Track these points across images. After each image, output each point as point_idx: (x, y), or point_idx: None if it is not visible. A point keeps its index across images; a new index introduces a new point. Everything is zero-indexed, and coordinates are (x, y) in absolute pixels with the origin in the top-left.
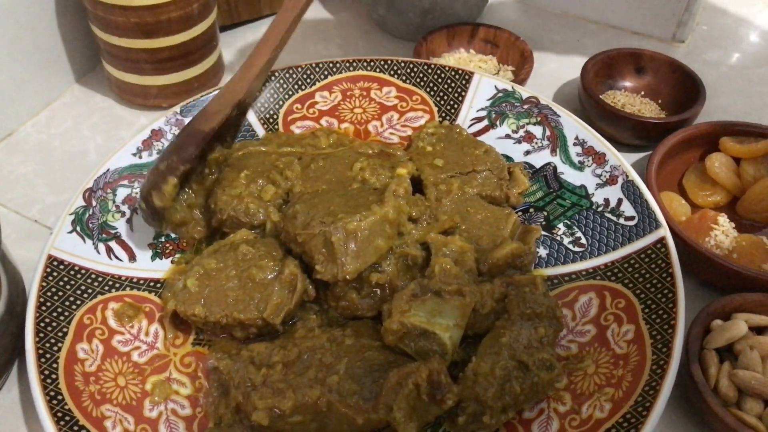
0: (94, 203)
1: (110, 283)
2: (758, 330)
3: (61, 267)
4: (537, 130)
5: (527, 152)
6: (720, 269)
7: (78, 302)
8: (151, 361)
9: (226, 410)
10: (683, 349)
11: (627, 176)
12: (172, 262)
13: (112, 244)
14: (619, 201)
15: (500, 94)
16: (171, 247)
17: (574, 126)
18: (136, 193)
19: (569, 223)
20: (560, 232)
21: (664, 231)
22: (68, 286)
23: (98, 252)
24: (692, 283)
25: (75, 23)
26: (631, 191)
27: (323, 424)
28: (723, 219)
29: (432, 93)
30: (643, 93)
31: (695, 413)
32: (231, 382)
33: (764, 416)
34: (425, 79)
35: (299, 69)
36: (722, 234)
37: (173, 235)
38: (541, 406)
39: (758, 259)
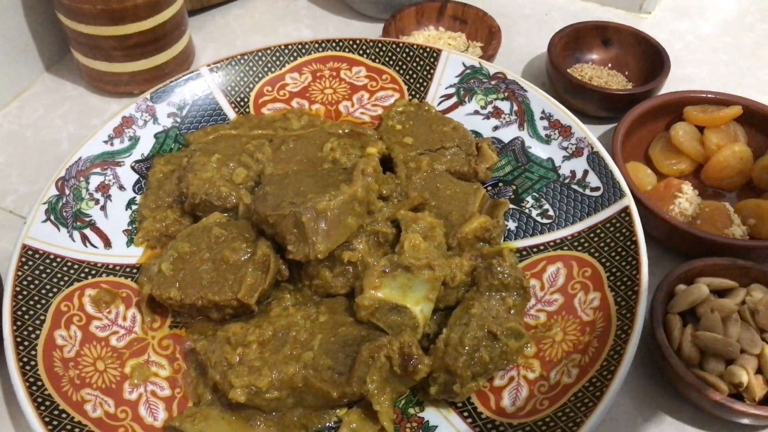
0: (67, 192)
1: (86, 270)
2: (720, 293)
3: (37, 256)
4: (505, 106)
5: (496, 127)
6: (683, 235)
7: (55, 290)
8: (130, 344)
9: (204, 390)
10: (648, 314)
11: (592, 148)
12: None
13: (87, 231)
14: (585, 172)
15: (468, 71)
16: None
17: (540, 100)
18: (109, 180)
19: (537, 195)
20: (528, 205)
21: (628, 200)
22: (44, 275)
23: (73, 240)
24: (657, 250)
25: (42, 12)
26: (596, 162)
27: (299, 400)
28: (687, 187)
29: (401, 71)
30: (610, 65)
31: (660, 375)
32: (208, 362)
33: (725, 375)
34: (394, 57)
35: (269, 51)
36: (686, 201)
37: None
38: (511, 374)
39: (720, 225)
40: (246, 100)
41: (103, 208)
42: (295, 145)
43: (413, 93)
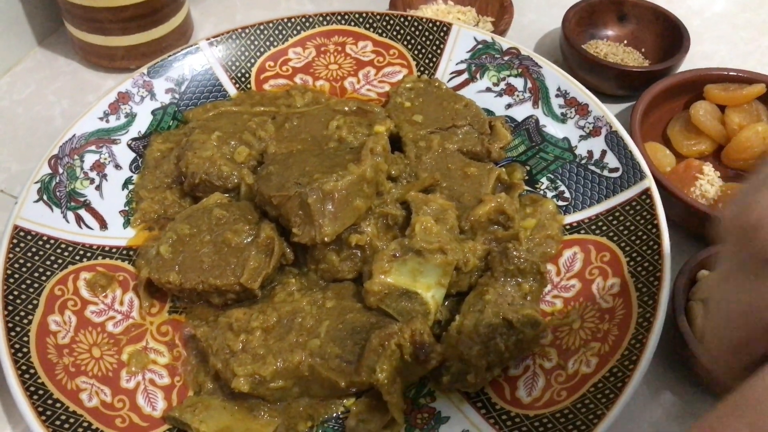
0: (60, 170)
1: (81, 252)
2: None
3: (29, 237)
4: (518, 83)
5: (509, 105)
6: (706, 219)
7: (48, 273)
8: (127, 330)
9: (205, 378)
10: (669, 301)
11: (611, 127)
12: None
13: (82, 212)
14: (603, 153)
15: (480, 46)
16: None
17: (556, 77)
18: (105, 159)
19: (552, 176)
20: (543, 187)
21: (649, 182)
22: (37, 257)
23: (67, 221)
24: (678, 234)
25: None
26: (615, 142)
27: (305, 389)
28: (708, 168)
29: (410, 46)
30: (626, 42)
31: (682, 365)
32: (209, 349)
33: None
34: (402, 32)
35: (271, 24)
36: (707, 183)
37: None
38: (527, 363)
39: None
40: (247, 75)
41: (98, 187)
42: (299, 123)
43: (422, 69)
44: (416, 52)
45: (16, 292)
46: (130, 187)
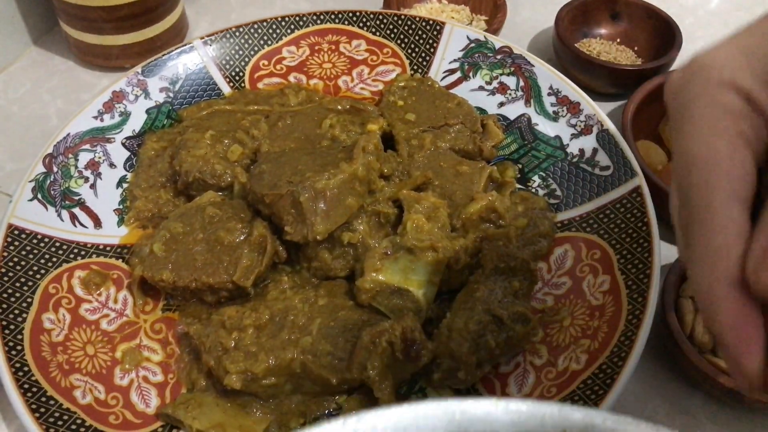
0: (55, 169)
1: (75, 250)
2: None
3: (23, 236)
4: (511, 81)
5: (501, 104)
6: None
7: (42, 271)
8: (121, 328)
9: (198, 375)
10: (659, 298)
11: (602, 125)
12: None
13: (76, 210)
14: (594, 151)
15: (473, 45)
16: None
17: (548, 75)
18: (99, 158)
19: (544, 175)
20: (535, 185)
21: (640, 180)
22: (31, 256)
23: (62, 219)
24: (669, 232)
25: None
26: (606, 141)
27: (298, 386)
28: None
29: (403, 45)
30: (618, 40)
31: (672, 361)
32: (202, 347)
33: None
34: (396, 30)
35: (265, 23)
36: None
37: None
38: (518, 359)
39: None
40: (241, 74)
41: (92, 186)
42: (293, 122)
43: (415, 68)
44: (409, 50)
45: (10, 290)
46: (125, 185)
